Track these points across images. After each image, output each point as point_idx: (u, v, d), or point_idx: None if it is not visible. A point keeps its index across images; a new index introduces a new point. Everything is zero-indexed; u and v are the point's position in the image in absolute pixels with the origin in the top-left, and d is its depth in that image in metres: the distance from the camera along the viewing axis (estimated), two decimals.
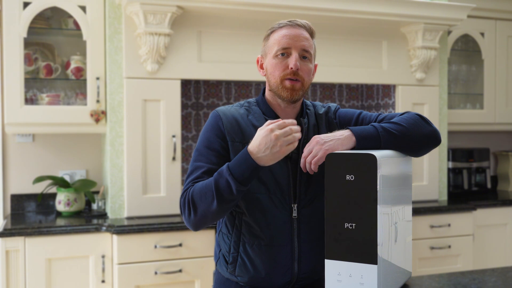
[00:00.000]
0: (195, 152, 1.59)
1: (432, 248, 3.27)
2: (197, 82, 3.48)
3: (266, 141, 1.38)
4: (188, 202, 1.50)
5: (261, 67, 1.65)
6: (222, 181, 1.42)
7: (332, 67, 3.26)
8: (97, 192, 3.25)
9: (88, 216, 2.99)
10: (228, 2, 2.86)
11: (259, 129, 1.42)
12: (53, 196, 3.20)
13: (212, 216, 1.49)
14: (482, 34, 3.91)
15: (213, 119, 1.60)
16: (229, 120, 1.58)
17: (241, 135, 1.56)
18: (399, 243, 1.49)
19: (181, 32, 2.96)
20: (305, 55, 1.57)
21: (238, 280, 1.60)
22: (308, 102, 1.70)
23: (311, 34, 1.61)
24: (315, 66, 1.65)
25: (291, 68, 1.54)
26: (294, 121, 1.42)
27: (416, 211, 3.20)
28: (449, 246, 3.30)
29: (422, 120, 1.59)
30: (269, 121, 1.42)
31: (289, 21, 1.59)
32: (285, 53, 1.56)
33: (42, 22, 3.03)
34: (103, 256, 2.73)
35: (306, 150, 1.49)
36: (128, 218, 2.88)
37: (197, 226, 1.53)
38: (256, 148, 1.39)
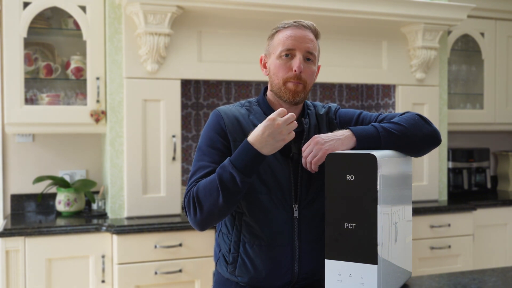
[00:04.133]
0: (198, 152, 1.59)
1: (432, 248, 3.27)
2: (197, 82, 3.48)
3: (270, 130, 1.39)
4: (193, 200, 1.49)
5: (264, 66, 1.65)
6: (226, 175, 1.42)
7: (332, 67, 3.26)
8: (97, 192, 3.25)
9: (88, 216, 2.99)
10: (228, 2, 2.86)
11: (260, 124, 1.44)
12: (53, 196, 3.20)
13: (218, 212, 1.47)
14: (482, 34, 3.91)
15: (214, 118, 1.60)
16: (230, 119, 1.58)
17: (243, 135, 1.56)
18: (399, 243, 1.49)
19: (181, 32, 2.96)
20: (309, 57, 1.57)
21: (238, 280, 1.59)
22: (308, 102, 1.70)
23: (316, 35, 1.60)
24: (318, 67, 1.65)
25: (295, 70, 1.53)
26: (293, 114, 1.42)
27: (416, 211, 3.20)
28: (449, 246, 3.30)
29: (422, 120, 1.59)
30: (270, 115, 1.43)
31: (294, 22, 1.58)
32: (289, 54, 1.55)
33: (42, 22, 3.03)
34: (103, 256, 2.73)
35: (306, 150, 1.49)
36: (128, 218, 2.88)
37: (203, 225, 1.52)
38: (259, 137, 1.40)
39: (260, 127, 1.41)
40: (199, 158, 1.57)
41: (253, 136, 1.42)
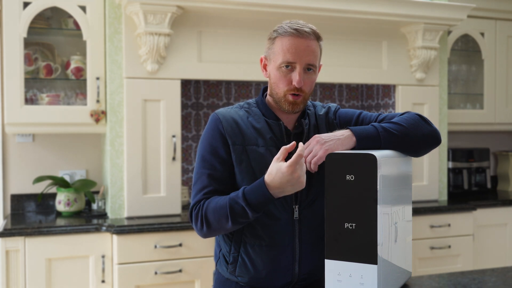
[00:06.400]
0: (199, 158, 1.59)
1: (432, 248, 3.27)
2: (197, 82, 3.48)
3: (289, 179, 1.39)
4: (201, 217, 1.53)
5: (265, 68, 1.63)
6: (238, 207, 1.45)
7: (332, 67, 3.26)
8: (97, 192, 3.25)
9: (88, 216, 2.99)
10: (228, 2, 2.86)
11: (274, 161, 1.41)
12: (53, 196, 3.20)
13: (224, 231, 1.55)
14: (482, 34, 3.90)
15: (213, 123, 1.59)
16: (229, 122, 1.58)
17: (242, 138, 1.56)
18: (399, 243, 1.49)
19: (181, 32, 2.96)
20: (310, 68, 1.55)
21: (238, 280, 1.60)
22: (308, 102, 1.69)
23: (318, 38, 1.57)
24: (320, 66, 1.64)
25: (295, 85, 1.53)
26: (302, 147, 1.40)
27: (416, 211, 3.20)
28: (449, 246, 3.30)
29: (422, 120, 1.59)
30: (283, 150, 1.41)
31: (295, 30, 1.53)
32: (289, 65, 1.53)
33: (42, 22, 3.03)
34: (103, 256, 2.73)
35: (306, 149, 1.49)
36: (128, 218, 2.88)
37: (207, 236, 1.58)
38: (278, 184, 1.40)
39: (279, 174, 1.39)
40: (200, 165, 1.58)
41: (271, 179, 1.41)
